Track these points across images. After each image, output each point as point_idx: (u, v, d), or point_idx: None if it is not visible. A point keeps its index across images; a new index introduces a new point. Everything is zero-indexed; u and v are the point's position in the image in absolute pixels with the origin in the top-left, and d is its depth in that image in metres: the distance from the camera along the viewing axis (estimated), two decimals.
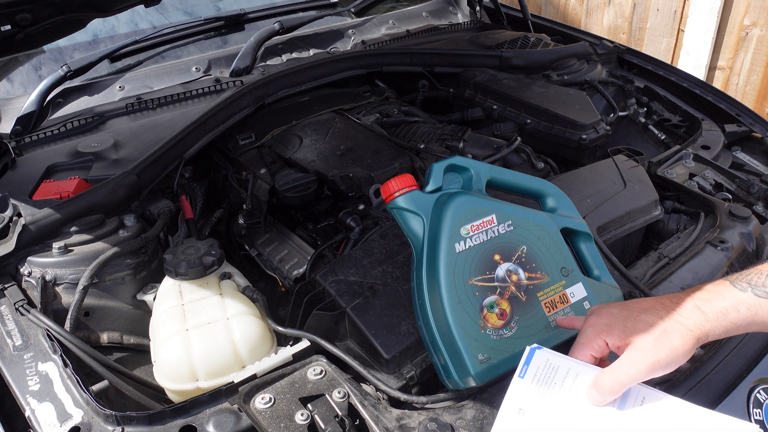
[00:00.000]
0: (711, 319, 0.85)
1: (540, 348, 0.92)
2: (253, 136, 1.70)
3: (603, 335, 0.88)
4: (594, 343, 0.89)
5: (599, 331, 0.89)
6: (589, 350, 0.90)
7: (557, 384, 0.88)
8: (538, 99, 1.84)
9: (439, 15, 2.44)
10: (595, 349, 0.89)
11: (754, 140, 1.82)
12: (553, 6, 4.21)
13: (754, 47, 3.34)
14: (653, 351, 0.83)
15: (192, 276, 1.16)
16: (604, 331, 0.88)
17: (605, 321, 0.90)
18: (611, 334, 0.88)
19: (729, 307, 0.85)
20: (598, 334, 0.89)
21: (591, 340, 0.89)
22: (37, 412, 0.94)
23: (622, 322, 0.87)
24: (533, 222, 1.09)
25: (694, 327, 0.84)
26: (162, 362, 1.09)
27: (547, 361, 0.90)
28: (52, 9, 1.47)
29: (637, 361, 0.84)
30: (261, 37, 1.91)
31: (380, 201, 1.41)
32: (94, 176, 1.42)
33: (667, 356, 0.83)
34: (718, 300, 0.86)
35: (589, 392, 0.87)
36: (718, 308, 0.85)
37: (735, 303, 0.85)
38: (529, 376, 0.89)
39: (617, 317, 0.89)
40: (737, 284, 0.87)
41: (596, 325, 0.90)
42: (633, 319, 0.87)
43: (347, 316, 1.11)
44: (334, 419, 0.91)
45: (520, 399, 0.87)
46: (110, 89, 1.78)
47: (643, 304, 0.89)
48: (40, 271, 1.19)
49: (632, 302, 0.92)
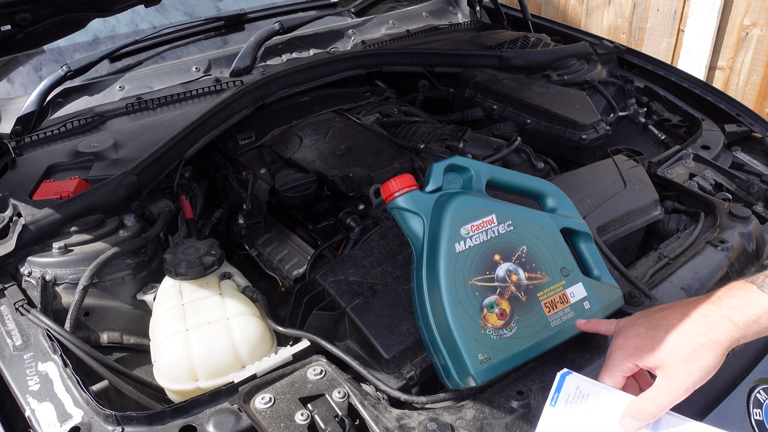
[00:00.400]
0: (741, 327, 0.84)
1: (570, 373, 0.92)
2: (253, 136, 1.70)
3: (632, 359, 0.88)
4: (623, 366, 0.89)
5: (628, 355, 0.89)
6: (620, 372, 0.89)
7: (589, 413, 0.88)
8: (538, 99, 1.84)
9: (439, 15, 2.44)
10: (625, 371, 0.89)
11: (754, 140, 1.82)
12: (553, 6, 4.21)
13: (754, 47, 3.34)
14: (686, 374, 0.83)
15: (192, 276, 1.16)
16: (633, 355, 0.88)
17: (633, 344, 0.89)
18: (641, 359, 0.87)
19: (761, 314, 0.85)
20: (627, 357, 0.89)
21: (621, 363, 0.89)
22: (37, 412, 0.94)
23: (650, 344, 0.87)
24: (533, 222, 1.09)
25: (724, 339, 0.84)
26: (162, 362, 1.09)
27: (577, 387, 0.90)
28: (52, 9, 1.47)
29: (672, 387, 0.84)
30: (261, 37, 1.91)
31: (380, 201, 1.41)
32: (94, 176, 1.42)
33: (700, 375, 0.84)
34: (748, 307, 0.85)
35: (625, 421, 0.86)
36: (750, 315, 0.85)
37: (766, 308, 0.84)
38: (560, 404, 0.89)
39: (645, 338, 0.88)
40: (765, 288, 0.86)
41: (625, 348, 0.90)
42: (661, 341, 0.86)
43: (347, 316, 1.11)
44: (334, 419, 0.91)
45: (552, 428, 0.87)
46: (110, 89, 1.78)
47: (669, 320, 0.88)
48: (40, 271, 1.19)
49: (657, 317, 0.90)
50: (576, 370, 1.03)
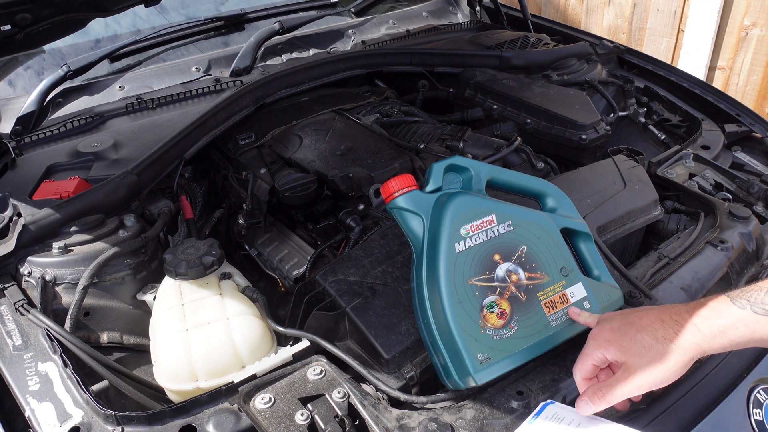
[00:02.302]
0: (708, 337, 0.87)
1: (552, 403, 0.96)
2: (253, 136, 1.70)
3: (601, 350, 0.93)
4: (594, 354, 0.94)
5: (598, 346, 0.94)
6: (590, 360, 0.94)
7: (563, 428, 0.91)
8: (538, 99, 1.84)
9: (439, 15, 2.44)
10: (595, 360, 0.94)
11: (754, 140, 1.82)
12: (553, 6, 4.21)
13: (754, 47, 3.34)
14: (646, 374, 0.88)
15: (192, 276, 1.16)
16: (602, 347, 0.93)
17: (605, 336, 0.94)
18: (608, 351, 0.92)
19: (728, 325, 0.87)
20: (598, 347, 0.93)
21: (592, 352, 0.94)
22: (37, 412, 0.94)
23: (619, 340, 0.92)
24: (533, 222, 1.09)
25: (690, 346, 0.87)
26: (162, 362, 1.09)
27: (555, 413, 0.94)
28: (52, 9, 1.47)
29: (630, 383, 0.88)
30: (261, 37, 1.91)
31: (380, 201, 1.41)
32: (94, 176, 1.42)
33: (659, 378, 0.88)
34: (717, 318, 0.88)
35: (581, 402, 0.92)
36: (717, 326, 0.88)
37: (734, 321, 0.87)
38: (538, 422, 0.93)
39: (616, 333, 0.93)
40: (737, 301, 0.89)
41: (597, 339, 0.95)
42: (630, 339, 0.91)
43: (347, 316, 1.11)
44: (334, 419, 0.91)
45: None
46: (110, 89, 1.78)
47: (643, 321, 0.92)
48: (40, 271, 1.19)
49: (633, 316, 0.94)
50: None
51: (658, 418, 0.99)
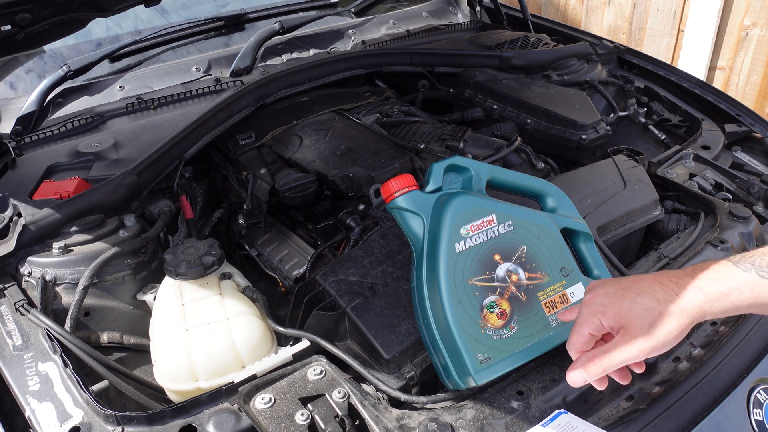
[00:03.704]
0: (711, 299, 0.83)
1: (566, 413, 0.94)
2: (253, 136, 1.70)
3: (598, 315, 0.87)
4: (590, 322, 0.88)
5: (594, 311, 0.88)
6: (586, 328, 0.88)
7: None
8: (538, 99, 1.84)
9: (439, 15, 2.44)
10: (591, 328, 0.88)
11: (754, 140, 1.82)
12: (553, 6, 4.21)
13: (754, 47, 3.34)
14: (647, 338, 0.83)
15: (192, 276, 1.16)
16: (599, 312, 0.87)
17: (600, 301, 0.88)
18: (606, 315, 0.86)
19: (732, 288, 0.84)
20: (594, 314, 0.88)
21: (587, 320, 0.88)
22: (37, 412, 0.94)
23: (617, 304, 0.86)
24: (533, 222, 1.09)
25: (693, 308, 0.83)
26: (162, 362, 1.09)
27: (569, 422, 0.92)
28: (52, 9, 1.48)
29: (630, 346, 0.83)
30: (261, 37, 1.91)
31: (380, 201, 1.41)
32: (94, 176, 1.42)
33: (660, 341, 0.83)
34: (722, 281, 0.84)
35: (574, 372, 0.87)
36: (721, 288, 0.84)
37: (738, 284, 0.84)
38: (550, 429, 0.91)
39: (612, 297, 0.87)
40: (740, 265, 0.85)
41: (592, 305, 0.89)
42: (629, 301, 0.85)
43: (347, 316, 1.11)
44: (334, 419, 0.91)
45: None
46: (110, 89, 1.78)
47: (641, 284, 0.87)
48: (40, 271, 1.19)
49: (629, 280, 0.90)
50: None
51: (658, 418, 0.99)
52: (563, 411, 0.95)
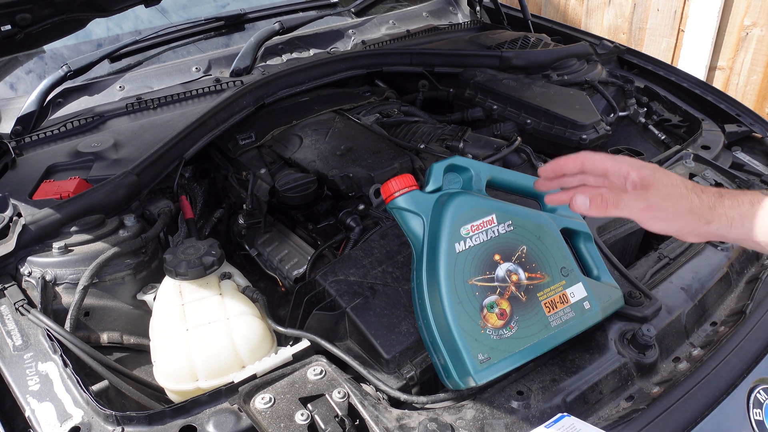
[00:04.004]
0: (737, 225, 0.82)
1: (568, 416, 0.94)
2: (253, 136, 1.70)
3: (628, 166, 0.85)
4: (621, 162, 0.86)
5: (630, 163, 0.86)
6: (609, 161, 0.86)
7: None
8: (538, 99, 1.84)
9: (439, 15, 2.44)
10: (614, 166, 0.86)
11: (754, 140, 1.82)
12: (553, 6, 4.21)
13: (754, 47, 3.34)
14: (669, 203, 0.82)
15: (192, 276, 1.16)
16: (628, 162, 0.85)
17: (630, 160, 0.86)
18: (634, 165, 0.85)
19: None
20: (627, 163, 0.86)
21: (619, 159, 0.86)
22: (37, 412, 0.94)
23: (652, 167, 0.85)
24: (533, 222, 1.09)
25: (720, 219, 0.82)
26: (162, 362, 1.09)
27: (572, 424, 0.92)
28: (52, 9, 1.48)
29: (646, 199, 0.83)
30: (261, 37, 1.91)
31: (380, 201, 1.41)
32: (94, 176, 1.42)
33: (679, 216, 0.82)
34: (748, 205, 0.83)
35: (578, 198, 0.86)
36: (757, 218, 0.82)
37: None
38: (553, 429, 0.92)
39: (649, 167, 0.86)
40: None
41: (623, 160, 0.87)
42: (663, 173, 0.84)
43: (347, 316, 1.11)
44: (334, 419, 0.91)
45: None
46: (110, 89, 1.78)
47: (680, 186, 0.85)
48: (40, 271, 1.19)
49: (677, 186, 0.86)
50: (576, 370, 1.03)
51: (658, 418, 0.99)
52: (566, 414, 0.95)
